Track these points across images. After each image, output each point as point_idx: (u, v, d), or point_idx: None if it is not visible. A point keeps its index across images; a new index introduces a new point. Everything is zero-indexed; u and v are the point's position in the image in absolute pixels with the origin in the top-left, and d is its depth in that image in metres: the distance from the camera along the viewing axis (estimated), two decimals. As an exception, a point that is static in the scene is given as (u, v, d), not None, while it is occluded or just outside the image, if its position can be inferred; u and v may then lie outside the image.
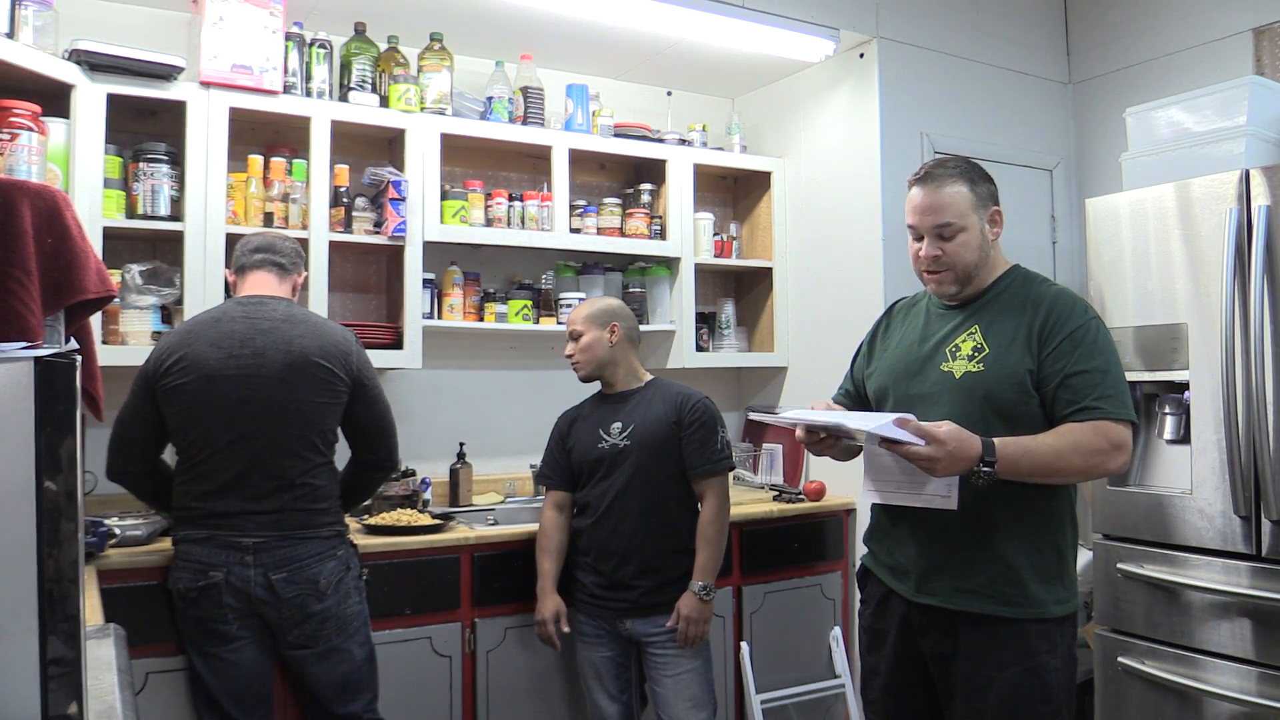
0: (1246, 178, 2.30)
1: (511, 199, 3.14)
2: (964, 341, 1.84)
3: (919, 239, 1.87)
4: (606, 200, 3.34)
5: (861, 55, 3.26)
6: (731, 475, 2.69)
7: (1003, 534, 1.77)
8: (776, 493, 3.28)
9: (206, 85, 2.64)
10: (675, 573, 2.47)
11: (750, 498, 3.27)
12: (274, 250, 2.35)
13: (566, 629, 2.54)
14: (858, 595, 2.13)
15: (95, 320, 2.34)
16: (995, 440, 1.66)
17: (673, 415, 2.52)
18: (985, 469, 1.63)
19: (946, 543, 1.80)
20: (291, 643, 2.17)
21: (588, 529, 2.54)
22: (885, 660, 1.94)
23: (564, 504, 2.63)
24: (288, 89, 2.79)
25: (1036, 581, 1.76)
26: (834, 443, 1.82)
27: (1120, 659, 2.48)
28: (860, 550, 2.12)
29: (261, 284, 2.31)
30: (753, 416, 1.84)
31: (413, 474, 2.99)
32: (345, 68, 2.96)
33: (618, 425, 2.54)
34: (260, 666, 2.19)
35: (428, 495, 3.02)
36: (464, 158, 3.23)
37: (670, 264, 3.42)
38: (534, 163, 3.35)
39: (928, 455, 1.61)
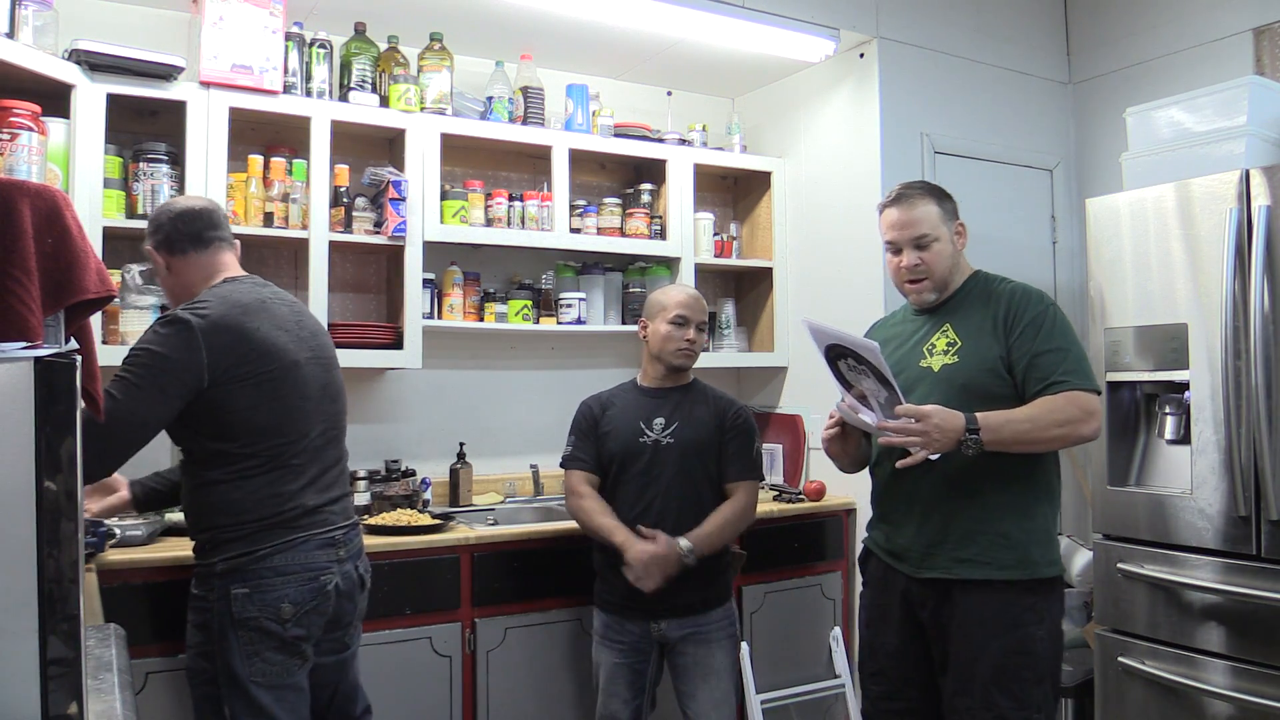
0: (1246, 178, 2.30)
1: (511, 199, 3.14)
2: (938, 339, 2.06)
3: (897, 253, 2.09)
4: (606, 200, 3.34)
5: (862, 55, 3.26)
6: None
7: (995, 507, 1.96)
8: (777, 493, 3.27)
9: (206, 85, 2.64)
10: (709, 575, 2.45)
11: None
12: (224, 226, 2.09)
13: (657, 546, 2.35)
14: (858, 593, 2.23)
15: (95, 320, 2.34)
16: (977, 413, 1.87)
17: (715, 419, 2.51)
18: (972, 436, 1.84)
19: (943, 520, 1.98)
20: (338, 644, 2.04)
21: None
22: (886, 632, 2.09)
23: (596, 484, 2.54)
24: (288, 89, 2.79)
25: (1030, 545, 1.95)
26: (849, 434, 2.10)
27: (1120, 659, 2.48)
28: (860, 550, 2.18)
29: (235, 265, 2.09)
30: (810, 321, 1.97)
31: (413, 474, 2.99)
32: (345, 68, 2.96)
33: (660, 421, 2.50)
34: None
35: (428, 495, 3.02)
36: (464, 158, 3.23)
37: (670, 264, 3.42)
38: (534, 163, 3.34)
39: (921, 430, 1.83)
